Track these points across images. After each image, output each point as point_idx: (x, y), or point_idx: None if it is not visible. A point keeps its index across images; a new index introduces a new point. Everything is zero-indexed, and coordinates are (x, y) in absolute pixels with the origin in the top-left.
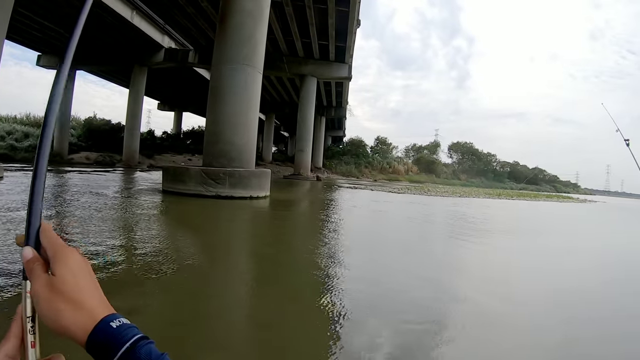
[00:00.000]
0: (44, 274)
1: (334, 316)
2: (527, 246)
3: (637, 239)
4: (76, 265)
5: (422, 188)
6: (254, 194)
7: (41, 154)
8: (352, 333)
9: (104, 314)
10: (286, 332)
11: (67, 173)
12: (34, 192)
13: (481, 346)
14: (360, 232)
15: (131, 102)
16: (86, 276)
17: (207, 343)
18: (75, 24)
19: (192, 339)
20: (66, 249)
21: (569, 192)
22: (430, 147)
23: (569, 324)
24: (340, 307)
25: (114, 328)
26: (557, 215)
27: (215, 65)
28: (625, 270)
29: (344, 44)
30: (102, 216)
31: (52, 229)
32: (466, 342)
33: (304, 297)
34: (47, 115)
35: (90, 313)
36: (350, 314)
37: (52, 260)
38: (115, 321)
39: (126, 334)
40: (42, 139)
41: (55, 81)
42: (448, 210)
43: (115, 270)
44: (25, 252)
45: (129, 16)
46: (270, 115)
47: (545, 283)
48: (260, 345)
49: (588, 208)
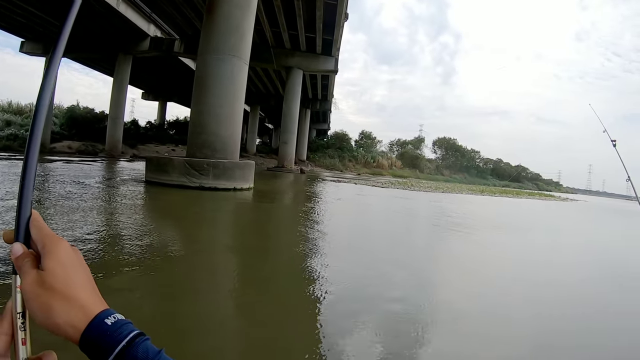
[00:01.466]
0: (34, 270)
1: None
2: (505, 243)
3: (612, 237)
4: (66, 257)
5: (405, 183)
6: (237, 186)
7: (32, 143)
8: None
9: (98, 310)
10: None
11: (50, 162)
12: (25, 182)
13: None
14: (343, 224)
15: (115, 91)
16: (77, 268)
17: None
18: (68, 13)
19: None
20: (55, 240)
21: (551, 190)
22: (415, 142)
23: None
24: (320, 298)
25: (109, 325)
26: (539, 212)
27: (201, 55)
28: (600, 268)
29: (331, 37)
30: (84, 206)
31: (41, 219)
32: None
33: (288, 286)
34: (39, 105)
35: (83, 309)
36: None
37: (41, 253)
38: (110, 317)
39: (122, 332)
40: (33, 128)
41: (46, 70)
42: (431, 205)
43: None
44: (14, 249)
45: (114, 3)
46: (255, 107)
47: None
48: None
49: (569, 207)
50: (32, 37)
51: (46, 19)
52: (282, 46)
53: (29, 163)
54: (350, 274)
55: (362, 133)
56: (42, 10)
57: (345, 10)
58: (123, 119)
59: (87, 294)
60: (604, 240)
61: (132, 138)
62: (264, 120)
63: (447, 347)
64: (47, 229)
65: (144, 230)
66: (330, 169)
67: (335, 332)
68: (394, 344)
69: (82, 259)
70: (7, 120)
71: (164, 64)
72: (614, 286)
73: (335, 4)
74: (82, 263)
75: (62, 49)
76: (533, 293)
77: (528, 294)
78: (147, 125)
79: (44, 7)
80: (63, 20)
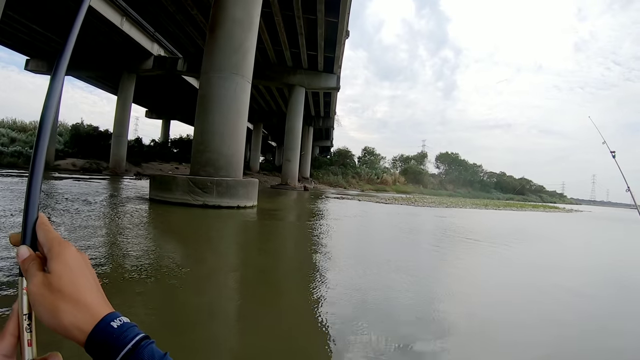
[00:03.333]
0: (40, 272)
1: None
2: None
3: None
4: (73, 260)
5: (409, 199)
6: (241, 204)
7: (39, 147)
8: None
9: (104, 313)
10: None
11: (54, 180)
12: (32, 185)
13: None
14: (349, 243)
15: (119, 109)
16: (84, 272)
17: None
18: (70, 30)
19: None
20: (62, 244)
21: (555, 202)
22: (418, 157)
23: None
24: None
25: (115, 328)
26: (541, 225)
27: (204, 73)
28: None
29: (332, 55)
30: (90, 225)
31: (48, 222)
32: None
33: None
34: (46, 110)
35: (89, 312)
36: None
37: (47, 257)
38: (115, 320)
39: (128, 334)
40: (39, 133)
41: (51, 85)
42: (436, 220)
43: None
44: (20, 252)
45: (118, 22)
46: (258, 124)
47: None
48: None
49: (572, 218)
50: (37, 54)
51: (50, 37)
52: (284, 64)
53: (36, 166)
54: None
55: (365, 149)
56: (47, 29)
57: (346, 27)
58: (127, 137)
59: (94, 296)
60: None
61: (135, 156)
62: (267, 138)
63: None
64: (53, 233)
65: (148, 249)
66: (334, 186)
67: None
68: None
69: (89, 263)
70: (12, 137)
71: (168, 83)
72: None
73: (336, 22)
74: (89, 267)
75: (65, 66)
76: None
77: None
78: (150, 143)
79: (49, 25)
80: (66, 37)
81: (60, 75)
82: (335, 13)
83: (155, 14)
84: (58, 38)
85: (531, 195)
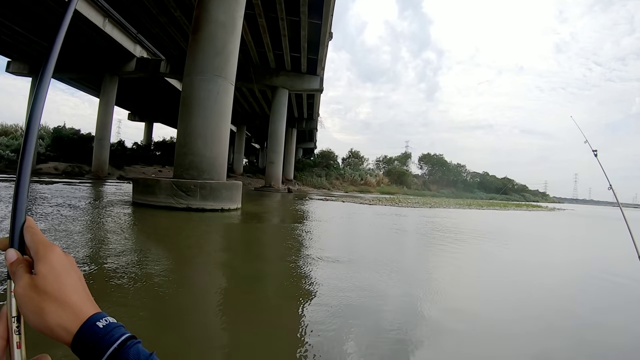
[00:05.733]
0: (27, 274)
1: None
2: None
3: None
4: (58, 261)
5: (392, 200)
6: (225, 206)
7: (26, 150)
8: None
9: (90, 313)
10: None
11: (37, 184)
12: (19, 189)
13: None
14: (333, 241)
15: (101, 112)
16: (69, 273)
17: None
18: (57, 34)
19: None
20: (48, 246)
21: (538, 200)
22: (401, 158)
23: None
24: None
25: (101, 328)
26: (524, 224)
27: (187, 76)
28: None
29: (315, 56)
30: (72, 230)
31: (35, 225)
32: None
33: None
34: (32, 114)
35: (75, 312)
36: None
37: (34, 259)
38: (101, 320)
39: (113, 334)
40: (26, 137)
41: (37, 88)
42: (417, 219)
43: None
44: (8, 255)
45: (100, 24)
46: (242, 127)
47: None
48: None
49: (554, 216)
50: (19, 57)
51: (33, 39)
52: (268, 66)
53: (23, 170)
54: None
55: (350, 152)
56: (29, 31)
57: (330, 29)
58: (109, 140)
59: (79, 297)
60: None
61: (118, 159)
62: (251, 140)
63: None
64: (40, 235)
65: (132, 253)
66: (318, 187)
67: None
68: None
69: (75, 264)
70: None
71: (150, 85)
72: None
73: (320, 24)
74: (75, 268)
75: (52, 69)
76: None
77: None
78: (133, 146)
79: (31, 28)
80: (52, 40)
81: (47, 79)
82: (319, 15)
83: (138, 16)
84: (41, 40)
85: (514, 195)
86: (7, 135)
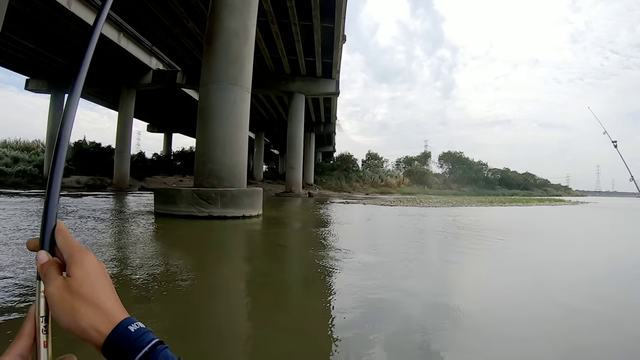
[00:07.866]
0: (60, 276)
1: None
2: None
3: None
4: (92, 267)
5: (414, 200)
6: (246, 213)
7: (58, 155)
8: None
9: (122, 317)
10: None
11: (60, 197)
12: (50, 192)
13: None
14: (359, 246)
15: (120, 125)
16: (102, 279)
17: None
18: (85, 52)
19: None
20: (82, 250)
21: (561, 194)
22: (421, 158)
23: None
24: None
25: (132, 332)
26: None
27: (203, 85)
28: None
29: (330, 60)
30: (99, 241)
31: (67, 230)
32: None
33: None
34: (63, 125)
35: (108, 315)
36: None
37: (68, 262)
38: (132, 325)
39: (144, 339)
40: (57, 146)
41: (68, 103)
42: (439, 219)
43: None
44: (40, 256)
45: (116, 38)
46: (260, 133)
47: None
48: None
49: (578, 210)
50: (37, 74)
51: (51, 57)
52: (283, 71)
53: (55, 174)
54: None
55: (369, 154)
56: (48, 49)
57: (343, 32)
58: (129, 152)
59: (111, 302)
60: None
61: (139, 170)
62: (270, 147)
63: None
64: (73, 240)
65: (157, 262)
66: (338, 190)
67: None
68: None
69: (106, 271)
70: (15, 157)
71: (167, 96)
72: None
73: (332, 27)
74: (106, 274)
75: (81, 86)
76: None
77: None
78: (153, 157)
79: (50, 46)
80: (81, 58)
81: (77, 94)
82: (331, 18)
83: (151, 28)
84: (59, 58)
85: (536, 190)
86: (29, 151)
